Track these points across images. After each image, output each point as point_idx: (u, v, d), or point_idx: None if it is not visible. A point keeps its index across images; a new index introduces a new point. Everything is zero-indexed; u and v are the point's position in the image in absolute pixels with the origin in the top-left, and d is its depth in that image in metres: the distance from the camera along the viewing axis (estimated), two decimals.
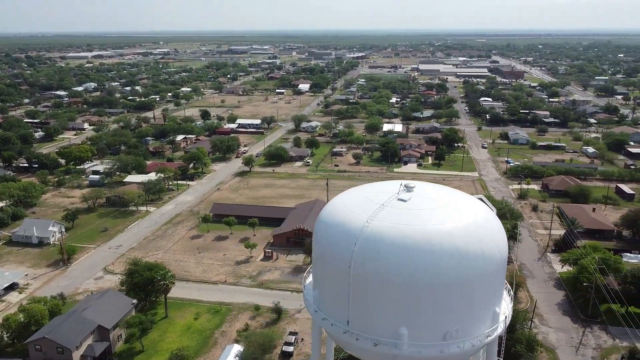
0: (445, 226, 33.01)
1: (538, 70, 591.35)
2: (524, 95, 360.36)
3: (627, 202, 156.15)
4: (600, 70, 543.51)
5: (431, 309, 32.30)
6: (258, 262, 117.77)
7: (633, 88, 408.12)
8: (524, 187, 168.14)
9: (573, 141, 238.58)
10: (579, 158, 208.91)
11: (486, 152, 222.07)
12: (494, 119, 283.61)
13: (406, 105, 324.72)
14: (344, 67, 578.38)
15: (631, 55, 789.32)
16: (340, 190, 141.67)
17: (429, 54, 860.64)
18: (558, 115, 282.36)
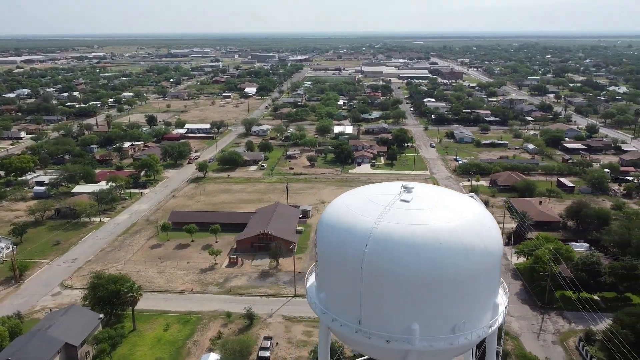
0: (449, 224, 34.62)
1: (475, 71, 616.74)
2: (465, 95, 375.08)
3: (568, 194, 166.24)
4: (532, 71, 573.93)
5: (441, 303, 33.79)
6: (223, 269, 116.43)
7: (562, 87, 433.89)
8: (474, 183, 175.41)
9: (514, 138, 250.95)
10: (520, 154, 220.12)
11: (435, 151, 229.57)
12: (439, 118, 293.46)
13: (354, 107, 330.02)
14: (288, 70, 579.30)
15: (558, 56, 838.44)
16: (299, 194, 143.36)
17: (371, 56, 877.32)
18: (498, 114, 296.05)
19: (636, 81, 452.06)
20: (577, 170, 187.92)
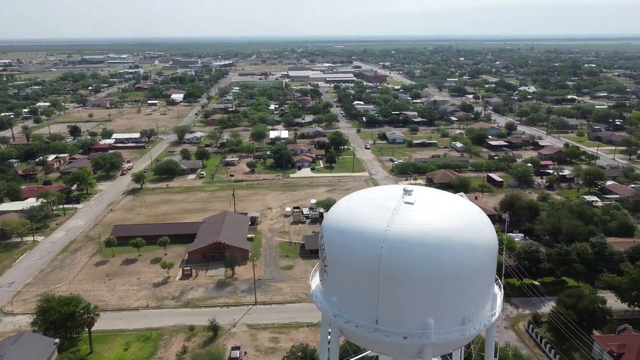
0: (454, 223, 36.89)
1: (397, 74, 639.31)
2: (391, 97, 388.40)
3: (498, 188, 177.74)
4: (449, 73, 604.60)
5: (453, 298, 35.97)
6: (177, 282, 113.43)
7: (479, 88, 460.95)
8: (412, 182, 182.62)
9: (442, 138, 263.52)
10: (450, 153, 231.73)
11: (370, 153, 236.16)
12: (370, 121, 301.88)
13: (286, 111, 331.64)
14: (214, 76, 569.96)
15: (470, 58, 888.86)
16: (243, 201, 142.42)
17: (295, 61, 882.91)
18: (425, 115, 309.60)
19: (543, 81, 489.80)
20: (503, 165, 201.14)
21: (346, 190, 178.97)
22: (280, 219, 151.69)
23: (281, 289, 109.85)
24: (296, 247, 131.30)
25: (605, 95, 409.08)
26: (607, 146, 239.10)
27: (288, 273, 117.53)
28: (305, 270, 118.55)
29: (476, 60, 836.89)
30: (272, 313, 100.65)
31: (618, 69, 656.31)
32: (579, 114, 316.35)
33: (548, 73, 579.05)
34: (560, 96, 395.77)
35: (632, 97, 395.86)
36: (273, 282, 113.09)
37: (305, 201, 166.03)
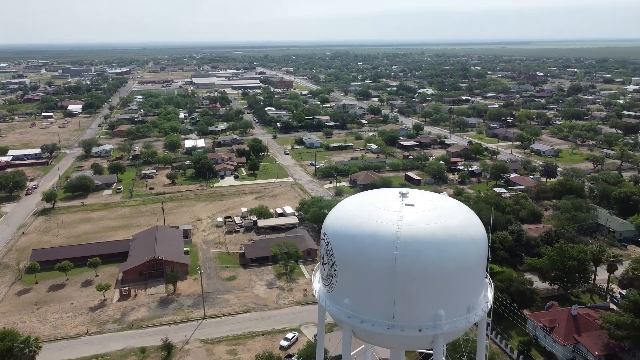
0: (454, 221, 40.18)
1: (302, 79, 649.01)
2: (301, 103, 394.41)
3: (417, 186, 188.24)
4: (351, 77, 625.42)
5: (460, 289, 39.22)
6: (116, 304, 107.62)
7: (382, 91, 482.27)
8: (337, 184, 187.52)
9: (356, 140, 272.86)
10: (366, 154, 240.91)
11: (290, 158, 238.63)
12: (285, 126, 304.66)
13: (197, 119, 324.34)
14: (112, 84, 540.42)
15: (368, 63, 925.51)
16: (170, 214, 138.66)
17: (196, 67, 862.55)
18: (337, 119, 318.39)
19: (438, 84, 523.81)
20: (418, 164, 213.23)
21: (274, 196, 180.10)
22: (212, 229, 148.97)
23: (228, 301, 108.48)
24: (235, 256, 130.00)
25: (494, 96, 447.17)
26: (503, 142, 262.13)
27: (232, 284, 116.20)
28: (249, 279, 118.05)
29: (374, 64, 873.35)
30: (223, 325, 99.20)
31: (500, 71, 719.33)
32: (475, 113, 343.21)
33: (441, 76, 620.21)
34: (456, 97, 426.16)
35: (517, 96, 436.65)
36: (218, 294, 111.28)
37: (235, 210, 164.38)
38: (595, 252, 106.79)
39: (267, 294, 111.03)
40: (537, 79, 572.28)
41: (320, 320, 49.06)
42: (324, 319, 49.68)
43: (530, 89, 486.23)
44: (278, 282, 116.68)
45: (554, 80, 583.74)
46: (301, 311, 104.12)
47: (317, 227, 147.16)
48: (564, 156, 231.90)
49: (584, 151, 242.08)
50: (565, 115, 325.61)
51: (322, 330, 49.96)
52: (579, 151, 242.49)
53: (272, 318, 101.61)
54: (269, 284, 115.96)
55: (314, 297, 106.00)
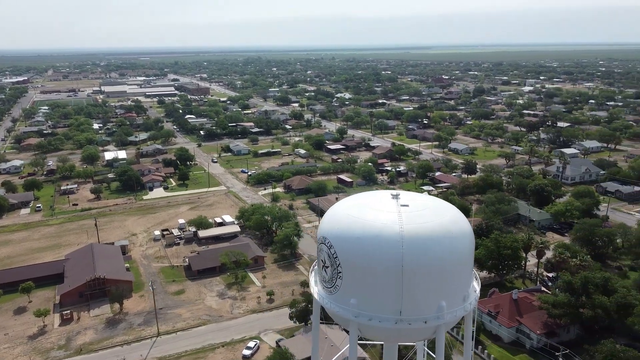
0: (446, 217, 43.24)
1: (218, 86, 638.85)
2: (221, 109, 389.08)
3: (350, 188, 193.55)
4: (268, 83, 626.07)
5: (458, 280, 42.32)
6: (58, 329, 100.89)
7: (301, 97, 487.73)
8: (273, 190, 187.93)
9: (283, 145, 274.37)
10: (296, 159, 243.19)
11: (219, 166, 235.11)
12: (208, 134, 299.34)
13: (114, 130, 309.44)
14: (10, 95, 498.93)
15: (282, 69, 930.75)
16: (101, 230, 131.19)
17: (103, 75, 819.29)
18: (261, 125, 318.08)
19: (354, 88, 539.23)
20: (348, 167, 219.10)
21: (209, 206, 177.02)
22: (151, 244, 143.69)
23: (180, 315, 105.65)
24: (180, 270, 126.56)
25: (407, 99, 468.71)
26: (423, 142, 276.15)
27: (181, 298, 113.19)
28: (199, 291, 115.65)
29: (289, 70, 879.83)
30: (180, 341, 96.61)
31: (409, 75, 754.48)
32: (392, 115, 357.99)
33: (355, 80, 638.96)
34: (373, 101, 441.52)
35: (428, 99, 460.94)
36: (169, 309, 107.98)
37: (171, 222, 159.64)
38: (525, 241, 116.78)
39: (220, 305, 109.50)
40: (444, 82, 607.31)
41: (315, 320, 50.53)
42: (318, 319, 51.36)
43: (439, 92, 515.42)
44: (229, 292, 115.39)
45: (459, 83, 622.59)
46: (258, 319, 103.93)
47: (260, 235, 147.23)
48: (479, 154, 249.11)
49: (495, 148, 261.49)
50: (475, 116, 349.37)
51: (317, 328, 51.34)
52: (491, 149, 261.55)
53: (229, 328, 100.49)
54: (220, 294, 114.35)
55: (268, 304, 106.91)
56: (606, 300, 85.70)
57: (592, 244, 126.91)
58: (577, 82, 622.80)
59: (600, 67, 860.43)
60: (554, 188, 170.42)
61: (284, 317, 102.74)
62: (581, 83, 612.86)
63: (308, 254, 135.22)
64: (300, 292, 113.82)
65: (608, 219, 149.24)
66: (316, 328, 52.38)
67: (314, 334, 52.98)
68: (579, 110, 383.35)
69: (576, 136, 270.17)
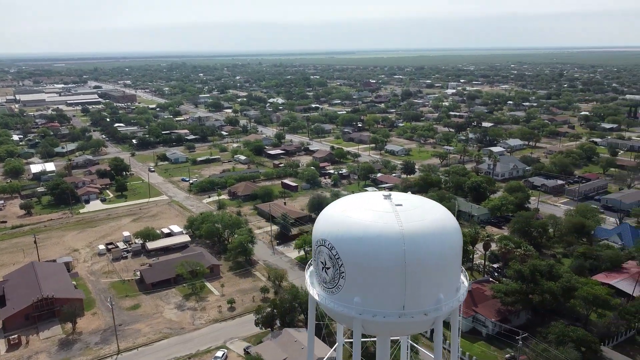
0: (437, 215, 45.88)
1: (144, 93, 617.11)
2: (152, 117, 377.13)
3: (295, 192, 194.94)
4: (198, 89, 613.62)
5: (452, 273, 45.03)
6: (6, 355, 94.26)
7: (233, 102, 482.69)
8: (218, 198, 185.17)
9: (221, 152, 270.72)
10: (237, 166, 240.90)
11: (157, 175, 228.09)
12: (141, 143, 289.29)
13: (37, 141, 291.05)
14: None
15: (210, 74, 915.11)
16: (40, 247, 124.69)
17: (16, 83, 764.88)
18: (197, 132, 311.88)
19: (286, 93, 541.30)
20: (290, 171, 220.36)
21: (153, 217, 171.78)
22: (95, 259, 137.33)
23: (140, 330, 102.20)
24: (132, 284, 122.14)
25: (339, 103, 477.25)
26: (360, 145, 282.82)
27: (138, 312, 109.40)
28: (156, 305, 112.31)
29: (217, 75, 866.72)
30: (142, 357, 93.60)
31: (338, 79, 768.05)
32: (327, 119, 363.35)
33: (285, 85, 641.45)
34: (306, 105, 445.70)
35: (359, 102, 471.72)
36: (126, 325, 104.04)
37: (115, 235, 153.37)
38: (472, 235, 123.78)
39: (180, 317, 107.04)
40: (372, 86, 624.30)
41: (311, 320, 51.74)
42: (314, 319, 52.65)
43: (369, 95, 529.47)
44: (188, 303, 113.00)
45: (386, 87, 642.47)
46: (221, 328, 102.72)
47: (211, 243, 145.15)
48: (414, 154, 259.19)
49: (428, 149, 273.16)
50: (406, 118, 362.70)
51: (312, 328, 52.48)
52: (425, 149, 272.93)
53: (193, 340, 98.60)
54: (179, 306, 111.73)
55: (230, 313, 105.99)
56: (553, 285, 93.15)
57: (529, 235, 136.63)
58: (494, 85, 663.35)
59: (512, 70, 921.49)
60: (489, 184, 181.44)
61: (248, 324, 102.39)
62: (498, 85, 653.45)
63: (263, 260, 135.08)
64: (260, 298, 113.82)
65: (539, 211, 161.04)
66: (311, 328, 53.30)
67: (310, 335, 54.02)
68: (499, 110, 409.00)
69: (500, 135, 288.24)
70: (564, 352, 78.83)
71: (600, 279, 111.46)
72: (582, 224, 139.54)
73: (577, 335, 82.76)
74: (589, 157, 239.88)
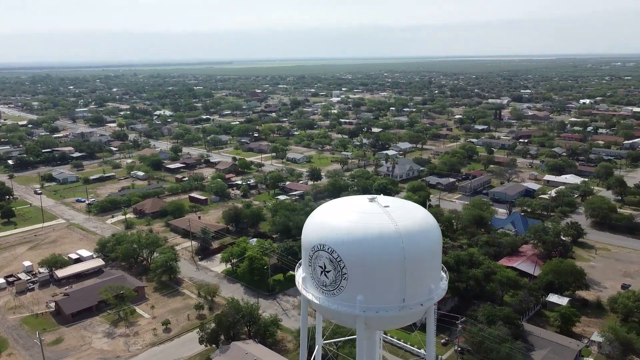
0: (420, 214, 49.93)
1: (8, 108, 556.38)
2: (25, 134, 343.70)
3: (206, 205, 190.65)
4: (72, 102, 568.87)
5: (438, 265, 49.48)
6: None
7: (116, 116, 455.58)
8: (125, 217, 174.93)
9: (114, 169, 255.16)
10: (135, 182, 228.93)
11: (46, 198, 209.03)
12: (19, 163, 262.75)
13: None
14: None
15: (81, 86, 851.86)
16: None
17: None
18: (82, 149, 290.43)
19: (172, 104, 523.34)
20: (196, 184, 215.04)
21: (52, 242, 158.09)
22: None
23: None
24: (47, 316, 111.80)
25: (230, 113, 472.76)
26: (261, 154, 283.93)
27: (62, 347, 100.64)
28: (81, 336, 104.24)
29: (90, 88, 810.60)
30: None
31: (222, 90, 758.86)
32: (222, 130, 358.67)
33: (170, 97, 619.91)
34: (196, 116, 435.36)
35: (250, 112, 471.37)
36: None
37: (12, 267, 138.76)
38: None
39: (113, 345, 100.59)
40: (259, 96, 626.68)
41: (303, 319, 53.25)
42: (306, 319, 54.18)
43: (258, 105, 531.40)
44: (117, 329, 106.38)
45: (273, 97, 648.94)
46: (161, 351, 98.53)
47: (127, 265, 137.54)
48: (315, 161, 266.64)
49: (327, 155, 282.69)
50: (300, 126, 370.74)
51: (305, 328, 53.94)
52: (324, 156, 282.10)
53: None
54: (108, 334, 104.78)
55: (167, 334, 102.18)
56: (477, 271, 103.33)
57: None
58: (374, 92, 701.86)
59: (387, 79, 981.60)
60: (393, 185, 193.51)
61: (189, 343, 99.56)
62: (377, 93, 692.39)
63: (188, 277, 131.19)
64: (196, 315, 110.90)
65: (439, 207, 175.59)
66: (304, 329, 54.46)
67: (302, 336, 55.14)
68: (384, 116, 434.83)
69: (391, 139, 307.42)
70: (495, 329, 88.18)
71: (505, 263, 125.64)
72: (480, 216, 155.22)
73: (503, 314, 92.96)
74: (470, 156, 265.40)
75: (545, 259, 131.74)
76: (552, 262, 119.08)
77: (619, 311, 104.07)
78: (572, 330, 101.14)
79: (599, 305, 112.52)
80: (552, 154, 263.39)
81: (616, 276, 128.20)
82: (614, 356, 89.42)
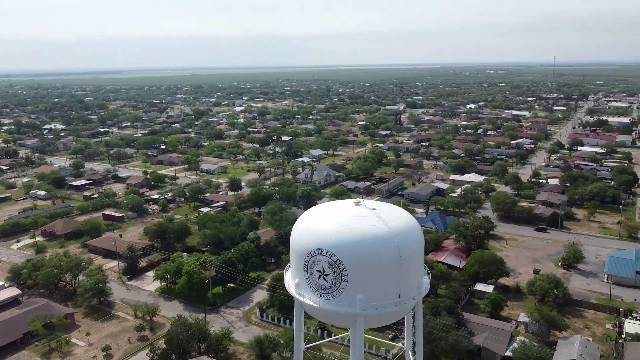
0: (404, 215, 53.06)
1: None
2: None
3: (122, 222, 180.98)
4: None
5: (422, 260, 53.47)
6: None
7: None
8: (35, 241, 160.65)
9: (8, 189, 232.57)
10: (35, 202, 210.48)
11: None
12: None
13: None
14: None
15: None
16: None
17: None
18: None
19: (63, 117, 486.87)
20: (109, 201, 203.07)
21: None
22: None
23: None
24: None
25: (129, 125, 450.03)
26: (172, 167, 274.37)
27: None
28: None
29: None
30: None
31: (116, 101, 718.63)
32: (125, 143, 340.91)
33: (58, 109, 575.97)
34: (93, 129, 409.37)
35: (151, 123, 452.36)
36: None
37: None
38: None
39: None
40: (158, 107, 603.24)
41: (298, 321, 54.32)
42: (302, 320, 55.23)
43: (159, 116, 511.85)
44: None
45: (172, 107, 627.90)
46: None
47: (48, 292, 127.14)
48: (230, 171, 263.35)
49: (242, 165, 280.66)
50: (209, 137, 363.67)
51: (301, 333, 54.94)
52: (238, 165, 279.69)
53: None
54: None
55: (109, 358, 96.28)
56: None
57: None
58: (276, 101, 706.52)
59: (286, 87, 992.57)
60: (316, 191, 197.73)
61: None
62: (279, 101, 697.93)
63: (120, 299, 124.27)
64: (137, 337, 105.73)
65: None
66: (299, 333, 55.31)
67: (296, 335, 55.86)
68: (290, 124, 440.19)
69: (303, 147, 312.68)
70: (442, 320, 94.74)
71: (432, 258, 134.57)
72: None
73: (445, 305, 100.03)
74: (380, 160, 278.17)
75: (467, 252, 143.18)
76: (476, 254, 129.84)
77: (537, 293, 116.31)
78: (500, 315, 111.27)
79: (518, 289, 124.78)
80: (453, 155, 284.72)
81: (527, 262, 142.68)
82: (540, 333, 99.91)
